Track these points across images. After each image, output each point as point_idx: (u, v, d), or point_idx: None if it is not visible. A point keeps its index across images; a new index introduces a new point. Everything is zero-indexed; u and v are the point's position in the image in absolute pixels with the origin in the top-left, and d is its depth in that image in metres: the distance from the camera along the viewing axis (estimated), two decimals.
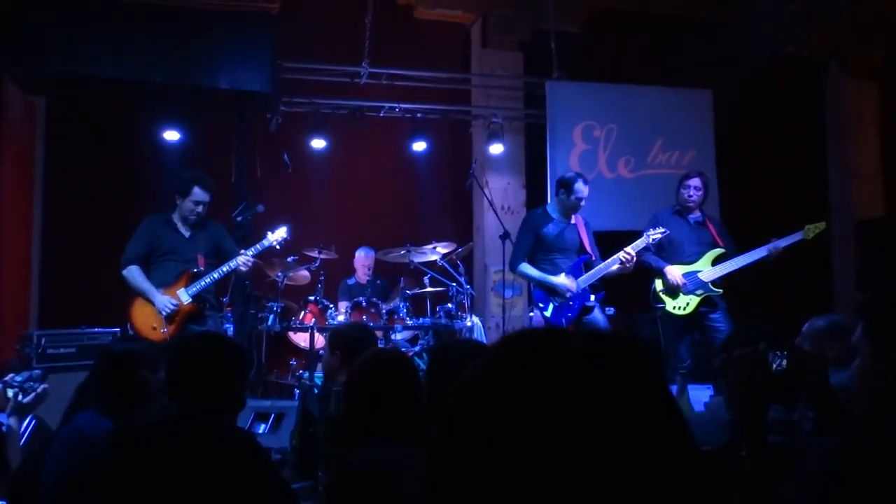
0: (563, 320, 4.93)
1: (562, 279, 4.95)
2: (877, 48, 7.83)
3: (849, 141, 7.97)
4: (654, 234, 4.97)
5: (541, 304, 5.01)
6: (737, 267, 5.05)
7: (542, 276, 5.00)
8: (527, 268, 5.06)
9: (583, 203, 5.10)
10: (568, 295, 4.93)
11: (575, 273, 5.00)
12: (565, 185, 5.11)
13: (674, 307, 5.06)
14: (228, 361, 2.30)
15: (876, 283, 7.11)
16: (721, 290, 5.06)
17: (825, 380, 1.84)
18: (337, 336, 3.36)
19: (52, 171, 6.63)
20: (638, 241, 4.96)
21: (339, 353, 3.17)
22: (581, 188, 5.05)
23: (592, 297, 5.00)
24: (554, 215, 5.14)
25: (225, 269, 4.73)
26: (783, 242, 5.01)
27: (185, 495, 1.85)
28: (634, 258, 4.93)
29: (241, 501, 1.89)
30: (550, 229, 5.06)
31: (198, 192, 4.72)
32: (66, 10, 5.70)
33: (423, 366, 4.67)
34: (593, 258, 5.08)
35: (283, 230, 5.02)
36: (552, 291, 4.99)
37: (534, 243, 5.07)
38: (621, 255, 4.93)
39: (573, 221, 5.14)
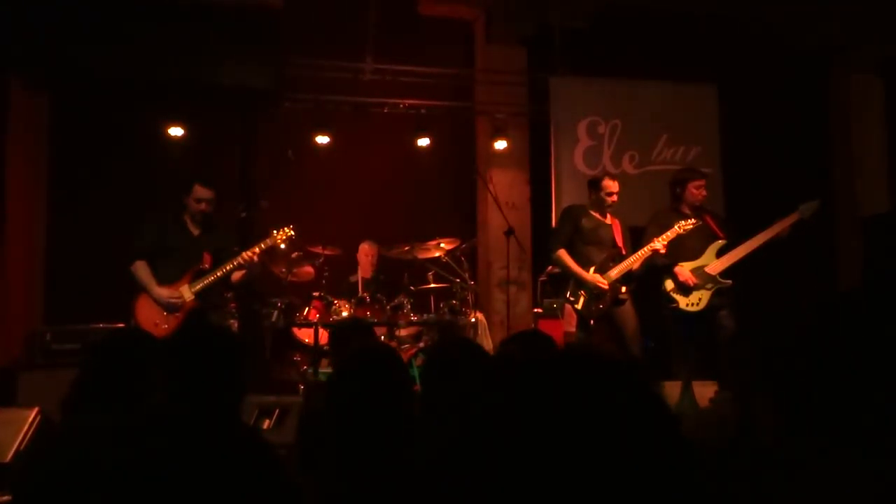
0: (593, 312, 4.96)
1: (592, 276, 5.00)
2: (881, 43, 7.78)
3: (853, 136, 7.93)
4: (686, 226, 5.01)
5: (571, 298, 5.03)
6: (741, 256, 5.07)
7: (575, 268, 5.07)
8: (564, 256, 5.14)
9: (614, 198, 5.19)
10: (597, 290, 4.97)
11: (605, 267, 5.04)
12: (594, 184, 5.27)
13: (687, 304, 5.07)
14: (222, 354, 2.30)
15: (881, 278, 7.09)
16: (730, 282, 5.07)
17: None
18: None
19: (58, 168, 6.62)
20: (668, 233, 5.01)
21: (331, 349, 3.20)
22: (609, 184, 5.19)
23: (624, 290, 5.04)
24: (591, 211, 5.25)
25: (228, 267, 4.73)
26: (781, 225, 5.07)
27: (188, 492, 1.85)
28: (664, 250, 5.04)
29: (246, 497, 1.88)
30: (586, 223, 5.17)
31: (198, 189, 4.73)
32: (69, 7, 5.70)
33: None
34: (624, 252, 5.14)
35: (289, 229, 5.02)
36: (583, 283, 5.02)
37: (572, 233, 5.16)
38: (652, 245, 5.01)
39: (608, 221, 5.23)
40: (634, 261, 5.07)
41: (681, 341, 5.15)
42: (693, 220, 5.07)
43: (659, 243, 5.00)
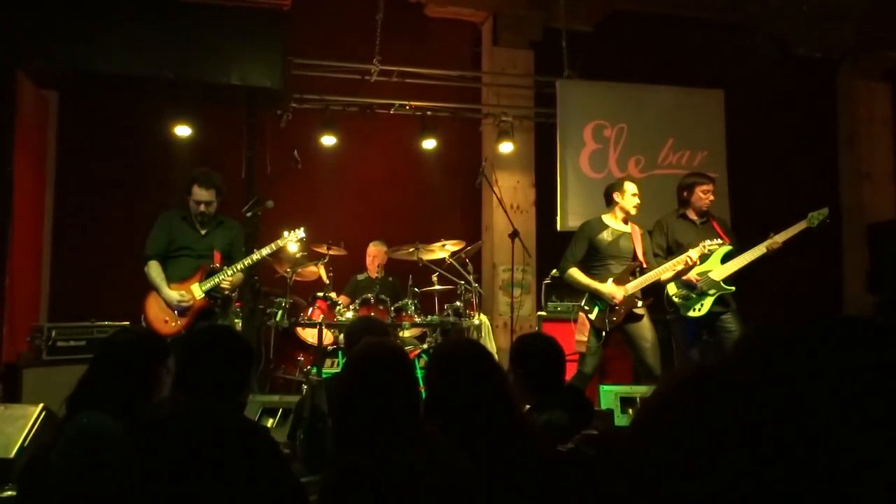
0: (607, 324, 4.89)
1: (608, 287, 4.93)
2: (889, 49, 7.78)
3: (860, 143, 7.92)
4: (712, 246, 4.94)
5: (586, 307, 4.97)
6: (746, 263, 5.03)
7: (588, 282, 4.99)
8: (575, 272, 5.05)
9: (637, 200, 5.08)
10: (613, 302, 4.91)
11: (623, 281, 4.96)
12: (616, 188, 5.13)
13: (689, 310, 5.04)
14: (234, 355, 2.30)
15: (887, 284, 7.08)
16: (734, 288, 5.04)
17: None
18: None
19: (65, 165, 6.65)
20: (692, 251, 4.91)
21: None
22: (631, 185, 5.10)
23: (640, 304, 4.96)
24: (609, 223, 5.13)
25: (239, 266, 4.75)
26: (788, 233, 5.00)
27: (199, 488, 1.85)
28: (694, 263, 4.93)
29: (253, 494, 1.89)
30: (605, 236, 5.07)
31: (196, 191, 4.72)
32: (78, 4, 5.73)
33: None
34: (644, 265, 5.05)
35: (300, 230, 5.04)
36: (599, 295, 4.96)
37: (588, 250, 5.08)
38: (689, 255, 4.90)
39: (629, 230, 5.12)
40: (663, 271, 4.98)
41: (683, 346, 5.12)
42: (719, 242, 4.97)
43: (696, 253, 4.91)
